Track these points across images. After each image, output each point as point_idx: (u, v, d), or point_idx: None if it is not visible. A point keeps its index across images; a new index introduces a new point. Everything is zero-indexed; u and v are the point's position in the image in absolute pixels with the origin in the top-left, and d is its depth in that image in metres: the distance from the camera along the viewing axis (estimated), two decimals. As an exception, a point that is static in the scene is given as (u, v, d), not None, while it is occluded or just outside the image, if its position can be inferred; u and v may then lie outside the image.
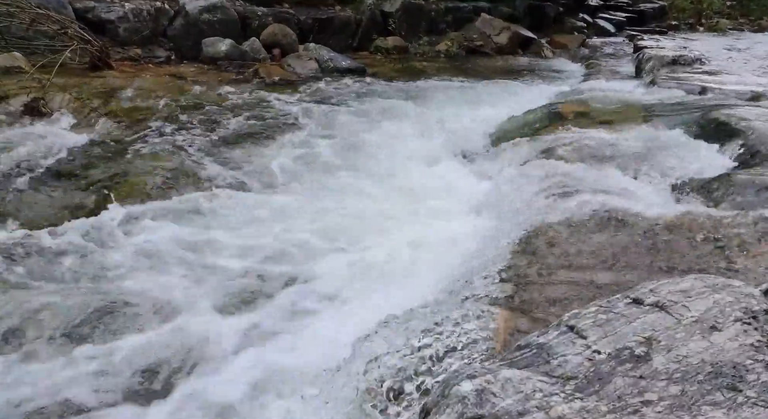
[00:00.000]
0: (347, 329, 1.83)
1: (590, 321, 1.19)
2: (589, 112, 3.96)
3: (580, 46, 8.47)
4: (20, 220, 2.74)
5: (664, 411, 0.94)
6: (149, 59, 5.66)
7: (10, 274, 2.29)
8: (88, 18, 5.58)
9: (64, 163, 3.28)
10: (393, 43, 7.28)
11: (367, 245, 2.60)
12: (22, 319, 2.02)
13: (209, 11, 6.15)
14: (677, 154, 2.85)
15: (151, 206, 2.90)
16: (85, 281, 2.31)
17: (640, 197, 2.39)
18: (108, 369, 1.82)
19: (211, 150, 3.67)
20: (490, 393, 1.01)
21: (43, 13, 4.75)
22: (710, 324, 1.12)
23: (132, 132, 3.84)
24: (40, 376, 1.78)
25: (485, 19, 7.97)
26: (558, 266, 1.85)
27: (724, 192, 2.33)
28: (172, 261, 2.46)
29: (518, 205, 2.51)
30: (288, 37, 6.35)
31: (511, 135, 3.74)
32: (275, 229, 2.74)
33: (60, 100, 4.05)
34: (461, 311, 1.67)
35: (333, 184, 3.35)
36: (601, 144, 3.06)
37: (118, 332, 2.01)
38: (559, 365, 1.08)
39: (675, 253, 1.81)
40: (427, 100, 4.94)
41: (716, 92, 4.07)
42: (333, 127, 4.22)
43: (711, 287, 1.22)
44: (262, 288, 2.32)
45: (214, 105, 4.43)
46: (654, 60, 5.40)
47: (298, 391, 1.66)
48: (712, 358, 1.04)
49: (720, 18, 10.97)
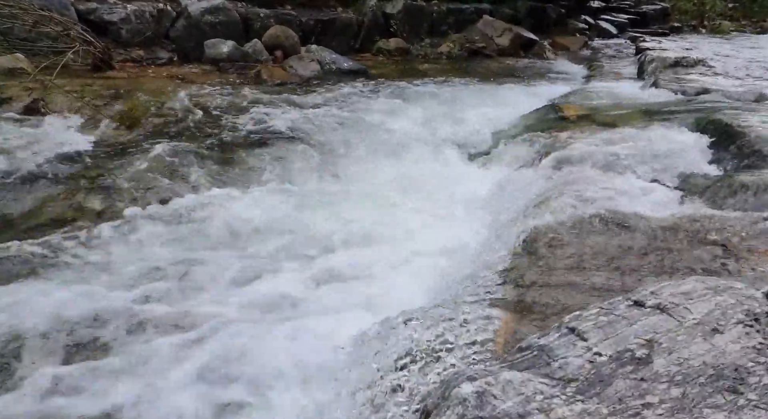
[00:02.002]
0: (346, 330, 1.83)
1: (591, 323, 1.19)
2: (591, 113, 3.95)
3: (582, 47, 8.48)
4: (19, 222, 2.74)
5: (665, 413, 0.93)
6: (151, 61, 5.67)
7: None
8: (90, 19, 5.59)
9: (64, 164, 3.28)
10: (395, 44, 7.29)
11: (366, 247, 2.60)
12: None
13: (211, 13, 6.16)
14: (680, 155, 2.84)
15: (151, 208, 2.90)
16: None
17: (643, 198, 2.38)
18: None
19: (212, 151, 3.66)
20: (491, 395, 1.00)
21: (45, 14, 4.77)
22: (712, 326, 1.11)
23: (134, 133, 3.84)
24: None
25: (487, 21, 7.98)
26: (559, 267, 1.84)
27: (727, 194, 2.32)
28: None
29: (520, 205, 2.51)
30: (290, 39, 6.35)
31: (514, 136, 3.74)
32: (263, 240, 2.72)
33: (62, 101, 4.05)
34: (462, 312, 1.67)
35: (335, 186, 3.36)
36: (603, 145, 3.05)
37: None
38: (560, 367, 1.08)
39: (677, 255, 1.80)
40: (429, 101, 4.94)
41: (719, 94, 4.06)
42: (335, 128, 4.22)
43: (713, 290, 1.22)
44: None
45: (215, 107, 4.43)
46: (656, 62, 5.39)
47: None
48: (713, 361, 1.03)
49: (722, 20, 10.95)
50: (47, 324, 2.00)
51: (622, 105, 4.08)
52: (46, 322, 2.00)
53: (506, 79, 6.21)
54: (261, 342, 1.90)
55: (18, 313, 2.04)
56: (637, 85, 5.06)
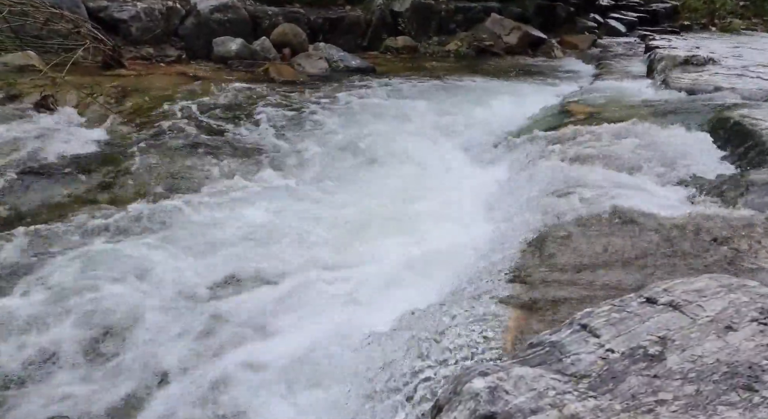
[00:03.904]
0: (366, 322, 1.84)
1: (603, 319, 1.18)
2: (599, 112, 3.93)
3: (591, 46, 8.42)
4: (28, 217, 2.77)
5: (679, 410, 0.93)
6: (161, 58, 5.70)
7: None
8: (100, 17, 5.63)
9: (73, 159, 3.31)
10: (403, 42, 7.28)
11: (377, 245, 2.60)
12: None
13: (220, 11, 6.18)
14: (690, 154, 2.82)
15: (159, 203, 2.92)
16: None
17: (653, 197, 2.37)
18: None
19: (220, 148, 3.68)
20: (503, 391, 1.00)
21: (56, 12, 4.80)
22: (725, 323, 1.11)
23: (142, 130, 3.86)
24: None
25: (495, 19, 7.95)
26: (569, 265, 1.83)
27: (738, 192, 2.31)
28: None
29: (529, 203, 2.50)
30: (298, 37, 6.37)
31: (522, 134, 3.73)
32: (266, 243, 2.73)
33: (72, 98, 4.08)
34: (471, 309, 1.67)
35: (345, 181, 3.35)
36: (611, 144, 3.03)
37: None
38: (572, 363, 1.08)
39: (688, 253, 1.79)
40: (437, 100, 4.94)
41: (729, 92, 4.02)
42: (342, 126, 4.22)
43: (726, 287, 1.21)
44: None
45: (224, 104, 4.45)
46: (666, 60, 5.35)
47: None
48: (727, 358, 1.03)
49: (733, 18, 10.85)
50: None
51: (630, 104, 4.06)
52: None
53: (514, 77, 6.19)
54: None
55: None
56: (647, 84, 5.02)
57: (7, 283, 2.24)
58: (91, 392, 1.76)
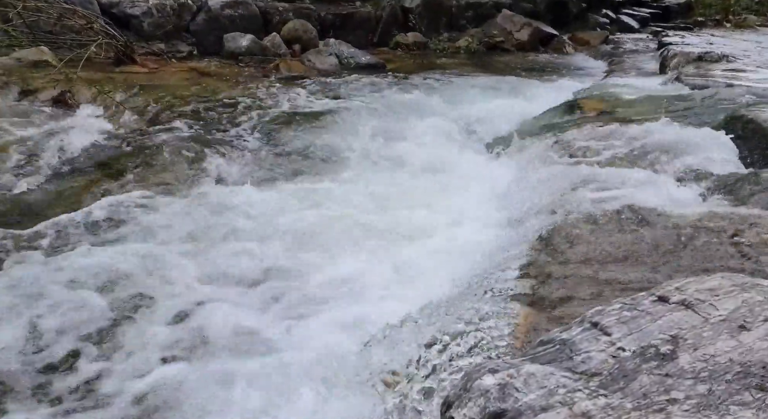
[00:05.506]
0: (375, 317, 1.85)
1: (614, 317, 1.18)
2: (611, 109, 3.90)
3: (603, 42, 8.35)
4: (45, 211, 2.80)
5: (691, 409, 0.92)
6: (172, 54, 5.73)
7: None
8: (113, 13, 5.68)
9: (91, 153, 3.36)
10: (413, 39, 7.26)
11: (385, 242, 2.61)
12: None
13: (231, 7, 6.20)
14: (703, 151, 2.79)
15: (173, 197, 2.94)
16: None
17: (665, 194, 2.35)
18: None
19: (232, 143, 3.70)
20: (513, 388, 1.00)
21: (69, 8, 4.85)
22: (739, 323, 1.10)
23: (155, 125, 3.89)
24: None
25: (506, 15, 7.90)
26: (579, 263, 1.83)
27: (751, 191, 2.28)
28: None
29: (540, 201, 2.49)
30: (308, 33, 6.37)
31: (534, 131, 3.71)
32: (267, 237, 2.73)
33: (86, 93, 4.12)
34: (481, 306, 1.67)
35: (358, 178, 3.36)
36: (624, 141, 3.01)
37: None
38: (583, 361, 1.07)
39: (700, 251, 1.77)
40: (447, 96, 4.92)
41: (743, 90, 3.97)
42: (353, 122, 4.22)
43: (739, 286, 1.20)
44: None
45: (234, 99, 4.46)
46: (679, 57, 5.30)
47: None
48: (740, 358, 1.02)
49: (748, 14, 10.70)
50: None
51: (643, 101, 4.02)
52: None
53: (525, 74, 6.15)
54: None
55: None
56: (659, 81, 4.97)
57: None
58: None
